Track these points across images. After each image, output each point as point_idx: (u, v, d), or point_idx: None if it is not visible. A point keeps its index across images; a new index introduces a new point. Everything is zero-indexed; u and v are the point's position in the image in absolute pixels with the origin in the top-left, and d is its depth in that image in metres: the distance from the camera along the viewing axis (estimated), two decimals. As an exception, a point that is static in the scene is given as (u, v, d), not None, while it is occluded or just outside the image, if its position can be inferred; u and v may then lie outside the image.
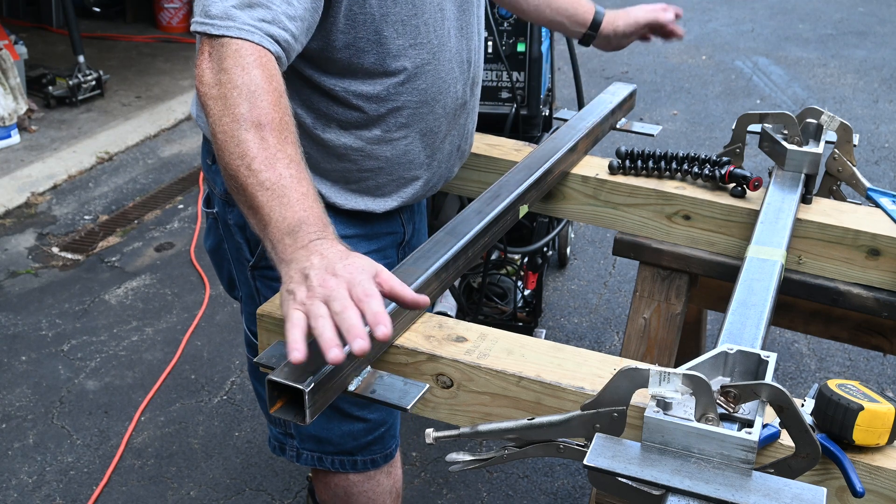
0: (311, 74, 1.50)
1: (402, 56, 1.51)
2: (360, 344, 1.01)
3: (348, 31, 1.45)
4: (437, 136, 1.64)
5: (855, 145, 1.84)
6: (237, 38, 1.25)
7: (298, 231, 1.14)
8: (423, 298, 1.11)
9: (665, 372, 1.01)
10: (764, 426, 1.06)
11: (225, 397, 2.96)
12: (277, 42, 1.29)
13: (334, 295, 1.05)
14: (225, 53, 1.25)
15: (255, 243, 1.62)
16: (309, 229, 1.14)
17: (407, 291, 1.10)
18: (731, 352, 1.13)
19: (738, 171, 1.77)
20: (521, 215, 1.66)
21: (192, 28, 1.32)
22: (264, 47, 1.27)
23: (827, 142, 1.83)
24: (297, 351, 1.02)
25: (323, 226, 1.16)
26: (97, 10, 6.72)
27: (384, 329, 1.03)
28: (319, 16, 1.40)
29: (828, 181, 1.86)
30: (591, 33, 2.04)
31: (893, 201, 1.76)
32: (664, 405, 1.03)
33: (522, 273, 3.10)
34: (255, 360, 1.24)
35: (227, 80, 1.22)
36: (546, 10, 2.01)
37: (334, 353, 1.01)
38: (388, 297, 1.09)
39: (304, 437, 1.75)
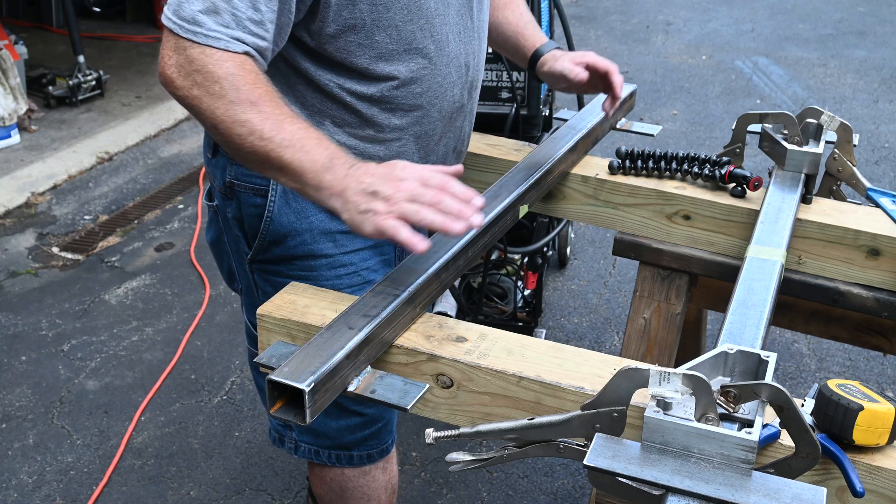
0: (307, 68, 1.50)
1: (395, 60, 1.50)
2: (479, 219, 1.24)
3: (339, 35, 1.45)
4: (431, 139, 1.64)
5: (855, 145, 1.84)
6: (203, 44, 1.32)
7: (333, 166, 1.29)
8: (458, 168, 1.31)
9: (665, 372, 1.01)
10: (764, 426, 1.06)
11: (225, 397, 2.96)
12: (245, 44, 1.35)
13: (417, 192, 1.24)
14: (192, 56, 1.33)
15: (253, 236, 1.63)
16: (341, 161, 1.30)
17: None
18: (731, 352, 1.13)
19: (738, 171, 1.77)
20: (521, 215, 1.66)
21: (163, 21, 1.37)
22: (230, 51, 1.33)
23: (827, 142, 1.83)
24: (422, 242, 1.21)
25: (349, 155, 1.31)
26: (97, 10, 6.72)
27: (479, 199, 1.25)
28: (293, 14, 1.41)
29: (828, 181, 1.86)
30: (532, 70, 1.85)
31: (893, 201, 1.76)
32: (664, 405, 1.03)
33: (522, 273, 3.10)
34: (255, 360, 1.24)
35: (203, 78, 1.31)
36: (495, 35, 1.88)
37: (460, 225, 1.21)
38: None
39: (302, 429, 1.76)
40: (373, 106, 1.54)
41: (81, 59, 5.12)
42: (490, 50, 2.70)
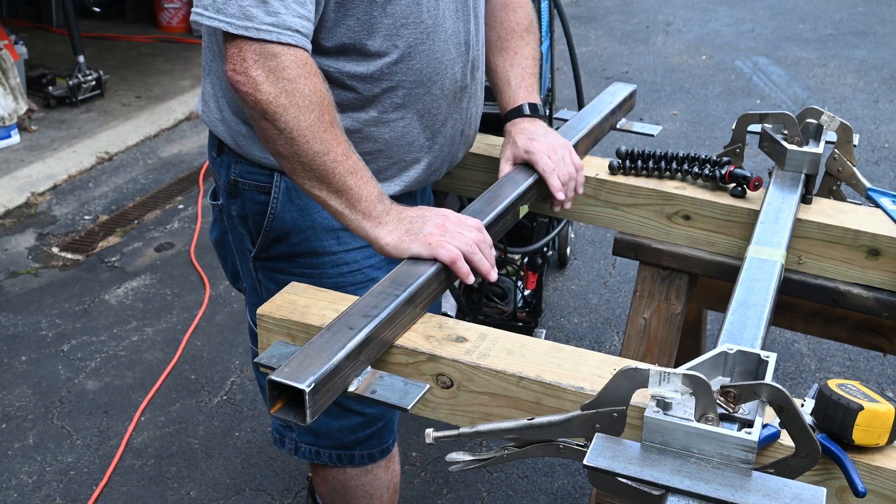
0: None
1: (394, 35, 1.51)
2: (494, 274, 1.42)
3: (338, 10, 1.46)
4: (436, 118, 1.64)
5: (855, 145, 1.84)
6: (275, 42, 1.34)
7: (384, 199, 1.43)
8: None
9: (665, 372, 1.01)
10: (764, 426, 1.06)
11: (225, 397, 2.96)
12: (299, 32, 1.36)
13: (464, 234, 1.39)
14: (279, 64, 1.35)
15: (257, 234, 1.64)
16: (385, 196, 1.44)
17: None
18: (731, 352, 1.13)
19: (738, 171, 1.77)
20: (521, 215, 1.66)
21: (206, 22, 1.36)
22: (296, 46, 1.36)
23: (827, 142, 1.83)
24: (471, 275, 1.39)
25: (386, 194, 1.46)
26: (97, 10, 6.72)
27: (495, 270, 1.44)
28: None
29: (828, 181, 1.86)
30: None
31: (893, 201, 1.76)
32: (664, 405, 1.03)
33: (522, 273, 3.10)
34: (255, 360, 1.24)
35: (293, 89, 1.35)
36: (486, 75, 1.84)
37: (494, 274, 1.41)
38: None
39: (303, 430, 1.76)
40: (374, 85, 1.55)
41: (81, 59, 5.12)
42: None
